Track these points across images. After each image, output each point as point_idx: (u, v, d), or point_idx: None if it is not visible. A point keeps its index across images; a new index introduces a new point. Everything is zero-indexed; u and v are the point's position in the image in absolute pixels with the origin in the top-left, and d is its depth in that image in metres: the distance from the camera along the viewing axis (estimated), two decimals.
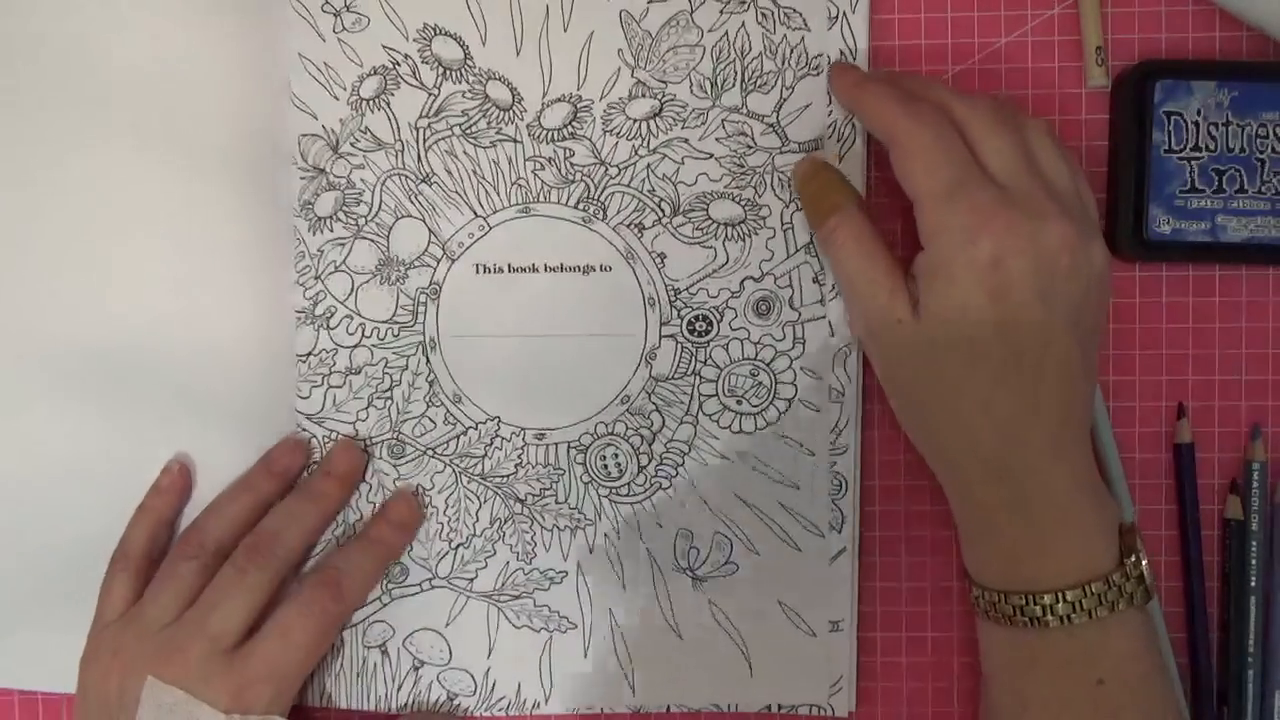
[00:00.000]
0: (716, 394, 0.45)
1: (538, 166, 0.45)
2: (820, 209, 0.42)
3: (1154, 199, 0.43)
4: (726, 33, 0.44)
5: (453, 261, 0.45)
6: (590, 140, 0.44)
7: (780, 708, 0.45)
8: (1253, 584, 0.44)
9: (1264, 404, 0.45)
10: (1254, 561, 0.44)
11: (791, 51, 0.44)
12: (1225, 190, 0.43)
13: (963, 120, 0.39)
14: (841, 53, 0.43)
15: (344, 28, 0.44)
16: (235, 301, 0.45)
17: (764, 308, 0.44)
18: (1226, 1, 0.43)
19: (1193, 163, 0.43)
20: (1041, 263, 0.37)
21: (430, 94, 0.44)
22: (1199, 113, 0.43)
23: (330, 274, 0.45)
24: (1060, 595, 0.38)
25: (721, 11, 0.44)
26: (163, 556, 0.44)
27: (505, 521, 0.45)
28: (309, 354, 0.46)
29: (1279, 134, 0.42)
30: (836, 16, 0.43)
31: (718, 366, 0.45)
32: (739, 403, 0.45)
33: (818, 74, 0.44)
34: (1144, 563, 0.38)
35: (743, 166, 0.44)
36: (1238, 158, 0.43)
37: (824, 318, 0.44)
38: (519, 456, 0.45)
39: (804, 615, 0.45)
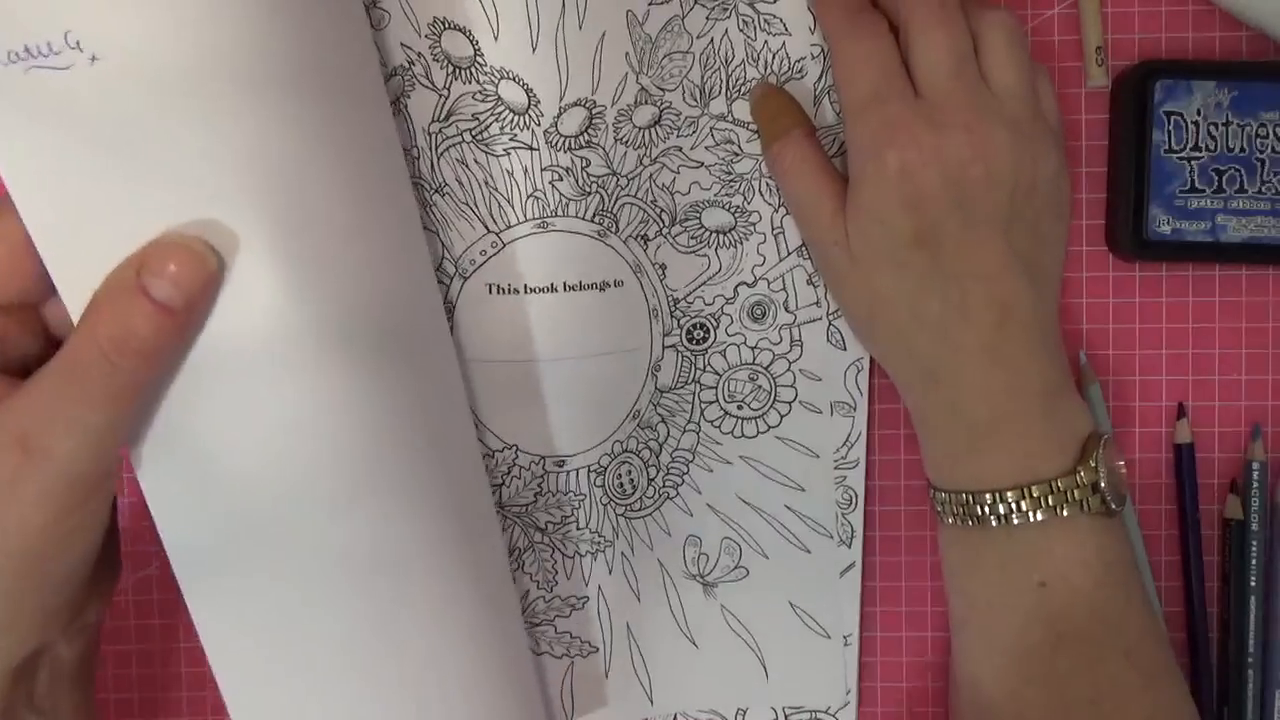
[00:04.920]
0: (717, 400, 0.45)
1: (556, 177, 0.41)
2: (769, 133, 0.43)
3: (1154, 199, 0.43)
4: (712, 39, 0.43)
5: (465, 280, 0.42)
6: (604, 149, 0.42)
7: (787, 716, 0.45)
8: (1253, 584, 0.44)
9: (1264, 404, 0.45)
10: (1254, 561, 0.44)
11: (774, 57, 0.43)
12: (1225, 190, 0.43)
13: (904, 18, 0.39)
14: None
15: (372, 26, 0.40)
16: None
17: (759, 312, 0.44)
18: (1226, 1, 0.43)
19: (1193, 163, 0.43)
20: (951, 173, 0.37)
21: (440, 95, 0.41)
22: (1199, 113, 0.43)
23: None
24: (999, 495, 0.38)
25: (708, 18, 0.43)
26: None
27: (525, 551, 0.44)
28: None
29: (1279, 134, 0.42)
30: None
31: (716, 373, 0.44)
32: (739, 408, 0.45)
33: (801, 78, 0.43)
34: (1102, 472, 0.38)
35: (731, 174, 0.44)
36: (1238, 158, 0.43)
37: (820, 320, 0.44)
38: (539, 485, 0.43)
39: (816, 616, 0.45)
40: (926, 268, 0.38)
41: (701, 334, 0.44)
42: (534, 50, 0.40)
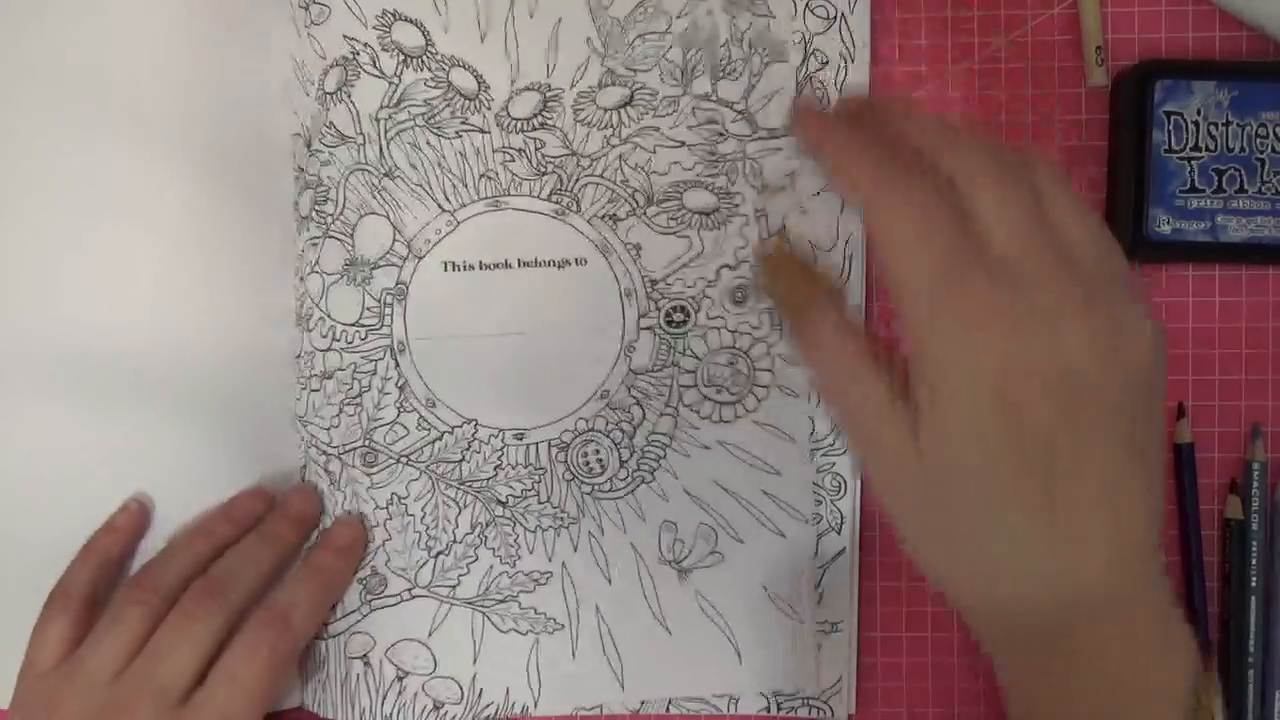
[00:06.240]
0: (696, 384, 0.44)
1: (508, 158, 0.43)
2: (795, 309, 0.35)
3: (1154, 199, 0.43)
4: (694, 19, 0.43)
5: (419, 259, 0.44)
6: (561, 130, 0.43)
7: (779, 706, 0.45)
8: (1253, 584, 0.44)
9: (1264, 404, 0.45)
10: (1254, 561, 0.44)
11: (759, 37, 0.43)
12: (1225, 190, 0.43)
13: (956, 172, 0.31)
14: (841, 54, 0.43)
15: (311, 21, 0.43)
16: (235, 302, 0.45)
17: (740, 295, 0.44)
18: (1226, 1, 0.43)
19: (1193, 162, 0.43)
20: (1061, 374, 0.29)
21: (390, 83, 0.43)
22: (1199, 112, 0.43)
23: (309, 274, 0.45)
24: None
25: None
26: (107, 600, 0.42)
27: (487, 525, 0.45)
28: (298, 356, 0.45)
29: (1279, 134, 0.42)
30: (835, 18, 0.43)
31: (696, 357, 0.44)
32: (718, 392, 0.44)
33: (784, 61, 0.43)
34: (1217, 716, 0.32)
35: (715, 154, 0.44)
36: (1238, 157, 0.43)
37: None
38: (499, 458, 0.45)
39: (790, 601, 0.45)
40: (1032, 498, 0.30)
41: (681, 316, 0.44)
42: (483, 40, 0.43)
